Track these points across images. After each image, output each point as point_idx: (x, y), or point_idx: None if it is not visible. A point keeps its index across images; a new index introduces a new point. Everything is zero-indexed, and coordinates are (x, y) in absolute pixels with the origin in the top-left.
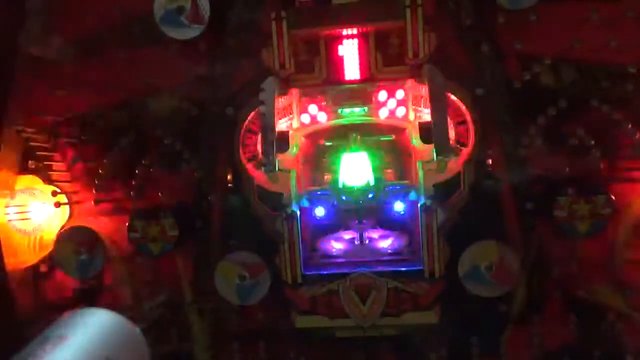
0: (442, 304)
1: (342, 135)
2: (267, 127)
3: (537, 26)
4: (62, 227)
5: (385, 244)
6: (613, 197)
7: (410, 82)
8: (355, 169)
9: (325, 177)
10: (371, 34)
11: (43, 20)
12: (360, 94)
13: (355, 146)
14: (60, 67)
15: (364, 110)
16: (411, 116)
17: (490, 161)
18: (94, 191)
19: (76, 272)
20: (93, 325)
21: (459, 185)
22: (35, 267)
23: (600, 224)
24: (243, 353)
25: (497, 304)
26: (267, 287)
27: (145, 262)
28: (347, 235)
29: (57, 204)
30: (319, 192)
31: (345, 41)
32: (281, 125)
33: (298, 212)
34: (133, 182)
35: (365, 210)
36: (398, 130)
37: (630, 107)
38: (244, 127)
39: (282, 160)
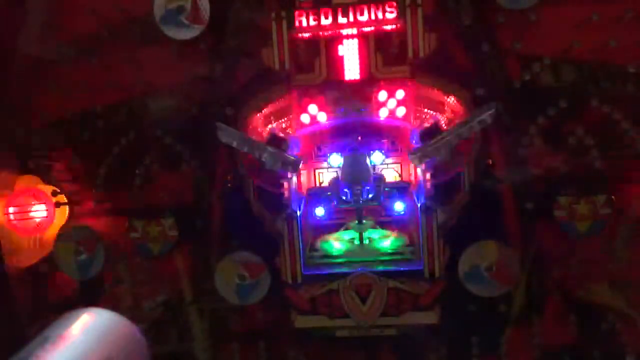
0: (442, 304)
1: (342, 135)
2: (255, 149)
3: (537, 26)
4: (62, 227)
5: (385, 244)
6: (613, 197)
7: (410, 83)
8: (355, 169)
9: (325, 177)
10: (371, 34)
11: (43, 20)
12: (360, 94)
13: (355, 146)
14: (61, 67)
15: (364, 110)
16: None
17: (490, 161)
18: (94, 191)
19: (76, 272)
20: (93, 325)
21: (459, 185)
22: (35, 267)
23: (600, 224)
24: (243, 353)
25: (497, 304)
26: (267, 287)
27: (145, 262)
28: (347, 235)
29: (57, 204)
30: (319, 192)
31: (345, 41)
32: (281, 124)
33: (298, 212)
34: (133, 182)
35: (365, 210)
36: (398, 130)
37: (630, 107)
38: (245, 127)
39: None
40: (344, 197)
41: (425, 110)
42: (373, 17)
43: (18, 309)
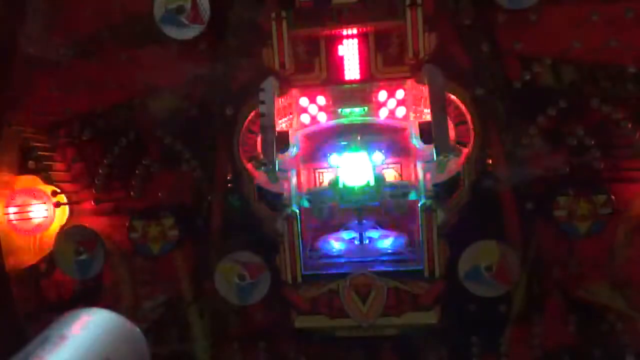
0: (442, 304)
1: (342, 135)
2: (267, 126)
3: (537, 26)
4: (62, 227)
5: (385, 244)
6: (613, 197)
7: (410, 82)
8: (355, 169)
9: (326, 177)
10: (371, 34)
11: (43, 20)
12: (360, 94)
13: (355, 146)
14: (60, 67)
15: (364, 110)
16: (411, 116)
17: (490, 161)
18: (94, 191)
19: (76, 272)
20: (93, 325)
21: (459, 185)
22: (35, 267)
23: (600, 224)
24: (243, 353)
25: (497, 304)
26: (267, 287)
27: (145, 262)
28: (347, 235)
29: (57, 204)
30: (319, 192)
31: (345, 41)
32: (281, 125)
33: (298, 212)
34: (133, 182)
35: (365, 210)
36: (398, 130)
37: (630, 107)
38: (244, 127)
39: (282, 160)
40: (343, 197)
41: (425, 110)
42: (373, 17)
43: (18, 309)
